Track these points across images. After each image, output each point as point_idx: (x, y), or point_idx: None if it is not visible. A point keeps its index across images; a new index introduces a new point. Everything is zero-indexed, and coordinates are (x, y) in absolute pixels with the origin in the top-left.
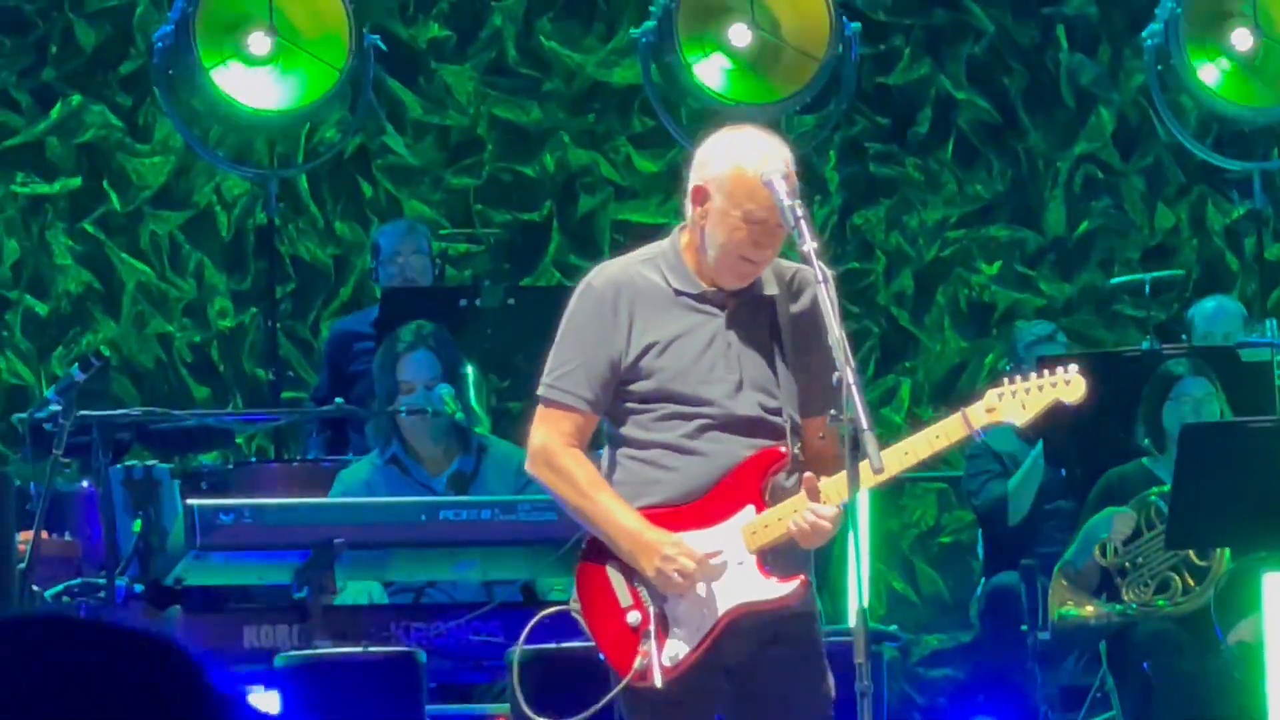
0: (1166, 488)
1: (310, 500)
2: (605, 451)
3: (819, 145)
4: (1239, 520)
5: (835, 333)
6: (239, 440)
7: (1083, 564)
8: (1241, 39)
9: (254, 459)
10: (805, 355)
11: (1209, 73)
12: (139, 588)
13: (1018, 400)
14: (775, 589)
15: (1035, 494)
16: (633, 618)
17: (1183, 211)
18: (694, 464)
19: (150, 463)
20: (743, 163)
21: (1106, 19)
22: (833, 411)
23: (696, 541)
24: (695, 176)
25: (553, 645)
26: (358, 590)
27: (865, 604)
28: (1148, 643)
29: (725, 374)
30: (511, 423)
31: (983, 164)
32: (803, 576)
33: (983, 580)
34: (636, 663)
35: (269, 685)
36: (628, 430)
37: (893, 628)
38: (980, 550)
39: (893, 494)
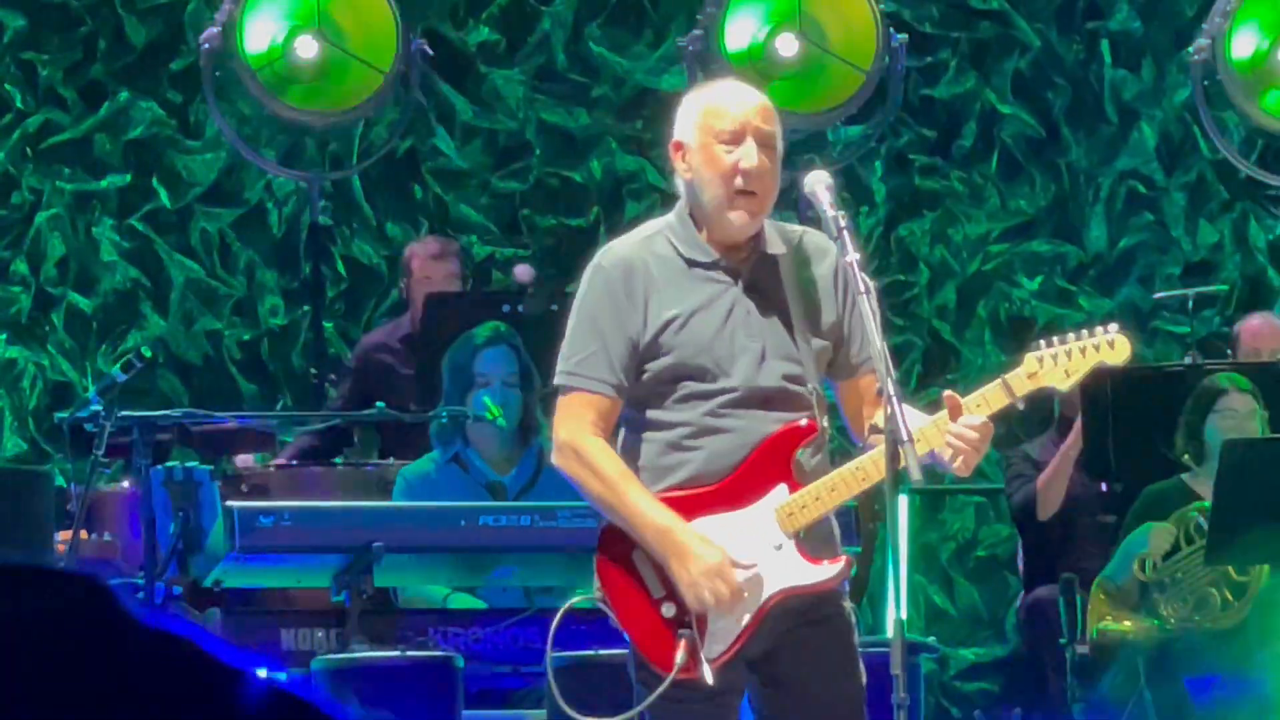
0: (1206, 503)
1: (350, 504)
2: (622, 434)
3: (865, 156)
4: (1279, 536)
5: (877, 344)
6: (287, 439)
7: (1122, 579)
8: None
9: (295, 461)
10: (830, 319)
11: (1256, 88)
12: (178, 589)
13: (1060, 366)
14: (819, 572)
15: (1065, 489)
16: (667, 610)
17: (1225, 227)
18: (718, 441)
19: (190, 464)
20: (704, 98)
21: (1150, 35)
22: (874, 423)
23: (728, 525)
24: (673, 137)
25: (589, 651)
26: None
27: (903, 616)
28: (1186, 658)
29: (748, 342)
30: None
31: (1025, 179)
32: (845, 558)
33: (1021, 593)
34: (679, 657)
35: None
36: (646, 411)
37: (930, 639)
38: (1020, 563)
39: (931, 506)
